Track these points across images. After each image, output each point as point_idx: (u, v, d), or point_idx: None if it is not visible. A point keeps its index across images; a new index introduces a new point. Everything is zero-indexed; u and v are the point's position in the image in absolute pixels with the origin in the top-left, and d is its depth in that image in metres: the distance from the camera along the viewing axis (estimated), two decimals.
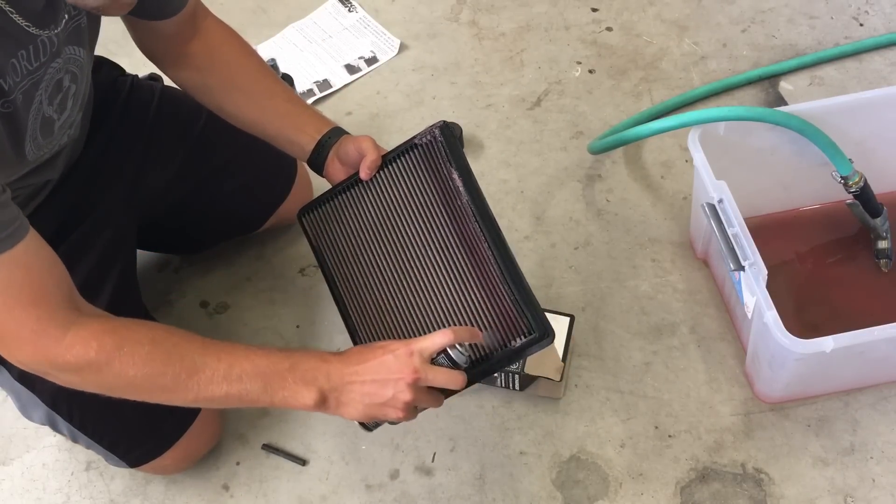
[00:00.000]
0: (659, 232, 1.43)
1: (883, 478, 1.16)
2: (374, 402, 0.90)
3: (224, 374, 0.88)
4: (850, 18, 1.72)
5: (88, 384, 0.90)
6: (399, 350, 0.90)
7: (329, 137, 1.10)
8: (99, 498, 1.24)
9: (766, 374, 1.19)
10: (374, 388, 0.89)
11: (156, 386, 0.88)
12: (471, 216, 0.98)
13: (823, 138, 1.20)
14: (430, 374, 0.89)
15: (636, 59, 1.70)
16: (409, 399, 0.89)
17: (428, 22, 1.82)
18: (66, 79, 0.95)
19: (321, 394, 0.90)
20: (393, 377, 0.89)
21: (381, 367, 0.89)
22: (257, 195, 1.38)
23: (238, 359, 0.89)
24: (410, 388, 0.89)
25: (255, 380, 0.89)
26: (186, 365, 0.88)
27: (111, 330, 0.87)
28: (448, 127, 1.01)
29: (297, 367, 0.90)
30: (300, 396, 0.90)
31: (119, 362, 0.86)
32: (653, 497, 1.17)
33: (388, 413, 0.91)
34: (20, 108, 0.87)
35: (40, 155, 0.97)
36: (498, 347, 0.96)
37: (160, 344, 0.88)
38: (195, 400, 0.90)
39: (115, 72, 1.27)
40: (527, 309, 0.94)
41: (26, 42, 0.85)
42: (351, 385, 0.90)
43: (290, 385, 0.90)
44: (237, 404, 0.91)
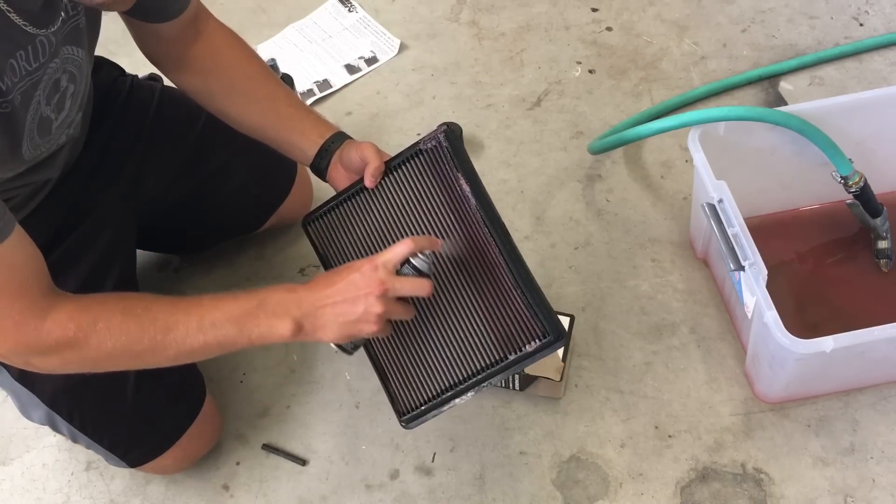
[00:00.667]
0: (659, 232, 1.44)
1: (883, 478, 1.16)
2: (347, 319, 0.92)
3: (197, 326, 0.90)
4: (850, 18, 1.72)
5: (71, 364, 0.91)
6: (364, 267, 0.92)
7: (332, 142, 1.10)
8: (99, 498, 1.24)
9: (766, 374, 1.19)
10: (346, 306, 0.92)
11: (135, 352, 0.90)
12: (480, 221, 0.98)
13: (823, 138, 1.20)
14: (397, 284, 0.92)
15: (636, 59, 1.70)
16: (381, 311, 0.92)
17: (428, 22, 1.82)
18: (64, 79, 0.95)
19: (296, 322, 0.92)
20: (362, 293, 0.91)
21: (350, 285, 0.92)
22: (257, 195, 1.38)
23: (207, 309, 0.91)
24: (380, 300, 0.91)
25: (229, 324, 0.91)
26: (160, 326, 0.90)
27: (84, 308, 0.89)
28: (453, 131, 1.00)
29: (266, 303, 0.92)
30: (276, 329, 0.92)
31: (96, 337, 0.88)
32: (653, 497, 1.17)
33: (363, 328, 0.93)
34: (18, 108, 0.87)
35: (38, 154, 0.97)
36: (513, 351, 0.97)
37: (131, 311, 0.90)
38: (176, 356, 0.92)
39: (115, 72, 1.27)
40: (540, 312, 0.95)
41: (24, 42, 0.85)
42: (323, 308, 0.92)
43: (264, 321, 0.92)
44: (219, 351, 0.93)
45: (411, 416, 1.04)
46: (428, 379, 1.03)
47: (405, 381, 1.05)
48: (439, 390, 1.02)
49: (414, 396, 1.04)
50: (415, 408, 1.04)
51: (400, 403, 1.06)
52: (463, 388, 1.00)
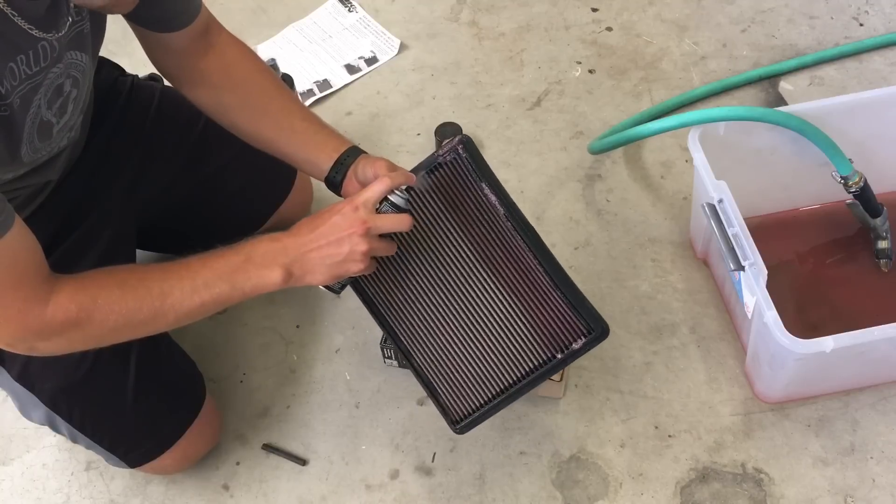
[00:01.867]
0: (659, 232, 1.43)
1: (883, 478, 1.16)
2: (334, 261, 0.95)
3: (191, 288, 0.93)
4: (850, 18, 1.72)
5: (76, 343, 0.93)
6: (344, 208, 0.95)
7: (347, 156, 1.09)
8: (99, 498, 1.24)
9: (766, 374, 1.19)
10: (332, 248, 0.94)
11: (136, 322, 0.92)
12: (511, 229, 1.00)
13: (823, 138, 1.20)
14: (378, 222, 0.95)
15: (636, 59, 1.70)
16: (365, 248, 0.94)
17: (428, 22, 1.82)
18: (68, 84, 0.95)
19: (285, 269, 0.95)
20: (346, 233, 0.94)
21: (333, 228, 0.94)
22: (257, 196, 1.38)
23: (197, 270, 0.94)
24: (364, 238, 0.94)
25: (221, 281, 0.94)
26: (155, 293, 0.92)
27: (82, 287, 0.91)
28: (471, 141, 1.00)
29: (253, 256, 0.95)
30: (267, 279, 0.95)
31: (98, 313, 0.90)
32: (653, 497, 1.17)
33: (350, 267, 0.96)
34: (17, 112, 0.87)
35: (38, 157, 0.96)
36: (560, 350, 1.01)
37: (127, 283, 0.92)
38: (176, 320, 0.95)
39: (116, 72, 1.27)
40: (582, 310, 0.99)
41: (26, 47, 0.84)
42: (309, 253, 0.95)
43: (254, 272, 0.95)
44: (218, 307, 0.96)
45: (465, 423, 1.07)
46: (478, 386, 1.06)
47: (454, 390, 1.08)
48: (491, 395, 1.05)
49: (465, 404, 1.07)
50: (468, 415, 1.07)
51: (452, 412, 1.08)
52: (516, 390, 1.04)
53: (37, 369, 1.08)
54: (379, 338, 1.31)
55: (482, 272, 1.03)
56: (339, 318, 1.38)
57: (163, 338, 1.20)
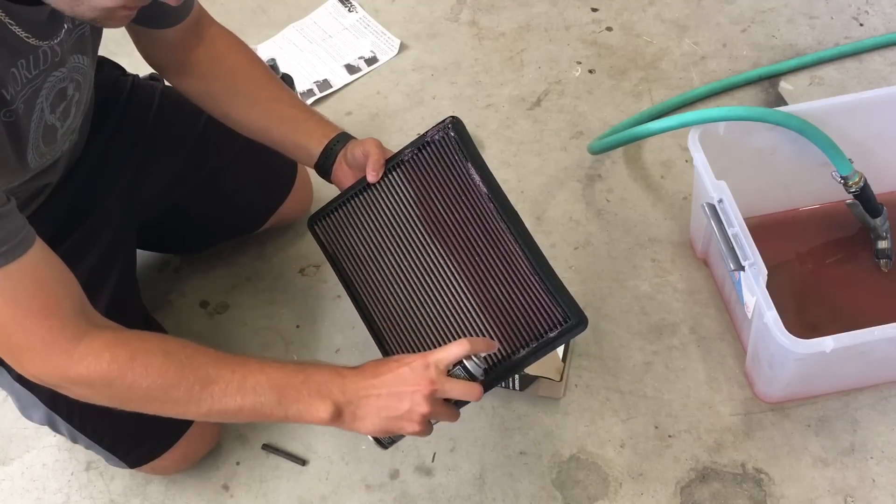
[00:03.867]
0: (659, 232, 1.43)
1: (883, 478, 1.16)
2: (390, 415, 0.88)
3: (238, 385, 0.87)
4: (850, 18, 1.72)
5: (101, 397, 0.88)
6: (415, 362, 0.88)
7: (336, 142, 1.10)
8: (99, 498, 1.24)
9: (766, 374, 1.19)
10: (391, 401, 0.88)
11: (169, 398, 0.87)
12: (492, 211, 0.98)
13: (823, 138, 1.20)
14: (447, 386, 0.88)
15: (636, 59, 1.70)
16: (427, 411, 0.88)
17: (428, 22, 1.82)
18: (71, 87, 0.95)
19: (336, 407, 0.88)
20: (409, 389, 0.87)
21: (398, 379, 0.88)
22: (258, 195, 1.38)
23: (252, 371, 0.88)
24: (427, 399, 0.87)
25: (270, 392, 0.88)
26: (200, 376, 0.86)
27: (123, 341, 0.86)
28: (460, 121, 1.00)
29: (311, 380, 0.89)
30: (315, 410, 0.88)
31: (132, 374, 0.84)
32: (653, 497, 1.17)
33: (405, 427, 0.90)
34: (22, 117, 0.86)
35: (43, 162, 0.96)
36: (534, 339, 0.96)
37: (173, 355, 0.87)
38: (208, 413, 0.88)
39: (116, 72, 1.27)
40: (560, 298, 0.94)
41: (26, 52, 0.84)
42: (367, 398, 0.89)
43: (305, 398, 0.88)
44: (250, 418, 0.90)
45: None
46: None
47: None
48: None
49: None
50: None
51: None
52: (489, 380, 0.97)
53: None
54: None
55: (462, 253, 1.00)
56: (339, 318, 1.38)
57: None
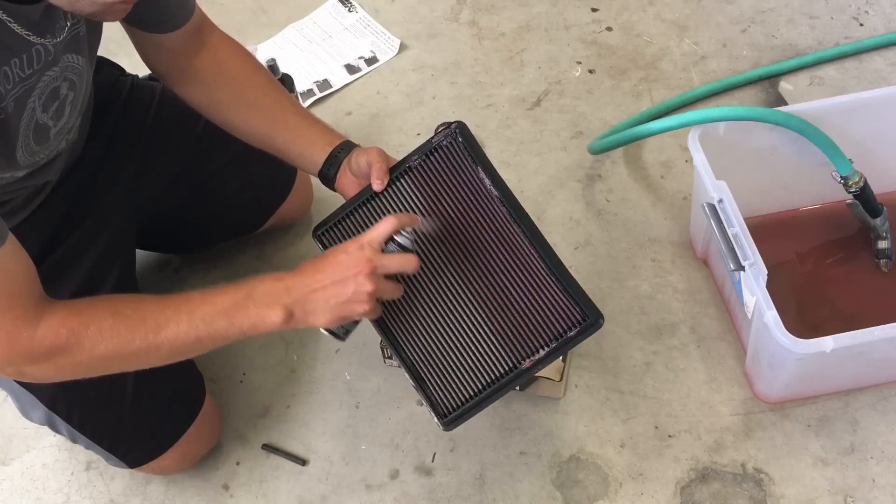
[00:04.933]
0: (659, 232, 1.43)
1: (883, 478, 1.16)
2: (339, 301, 0.92)
3: (188, 322, 0.90)
4: (850, 18, 1.72)
5: (65, 370, 0.91)
6: (349, 248, 0.93)
7: (340, 150, 1.09)
8: (99, 498, 1.24)
9: (766, 374, 1.19)
10: (336, 288, 0.92)
11: (128, 353, 0.90)
12: (504, 214, 0.99)
13: (823, 138, 1.20)
14: (384, 261, 0.93)
15: (636, 59, 1.70)
16: (371, 289, 0.92)
17: (428, 22, 1.82)
18: (64, 87, 0.95)
19: (286, 309, 0.92)
20: (351, 273, 0.91)
21: (338, 267, 0.92)
22: (257, 196, 1.38)
23: (197, 304, 0.91)
24: (369, 278, 0.91)
25: (220, 318, 0.91)
26: (150, 326, 0.89)
27: (75, 313, 0.89)
28: (466, 126, 1.00)
29: (254, 293, 0.92)
30: (266, 318, 0.92)
31: (89, 341, 0.88)
32: (653, 497, 1.17)
33: (355, 308, 0.93)
34: (11, 115, 0.86)
35: (35, 160, 0.96)
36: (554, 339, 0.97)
37: (121, 312, 0.90)
38: (170, 354, 0.91)
39: (116, 72, 1.27)
40: (577, 297, 0.96)
41: (20, 51, 0.84)
42: (313, 293, 0.92)
43: (254, 311, 0.92)
44: (212, 345, 0.93)
45: (452, 417, 1.02)
46: (468, 377, 1.01)
47: (444, 382, 1.03)
48: (481, 387, 1.00)
49: (454, 397, 1.02)
50: (455, 408, 1.02)
51: (440, 406, 1.03)
52: (506, 381, 0.99)
53: None
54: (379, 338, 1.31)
55: (476, 257, 1.00)
56: None
57: None
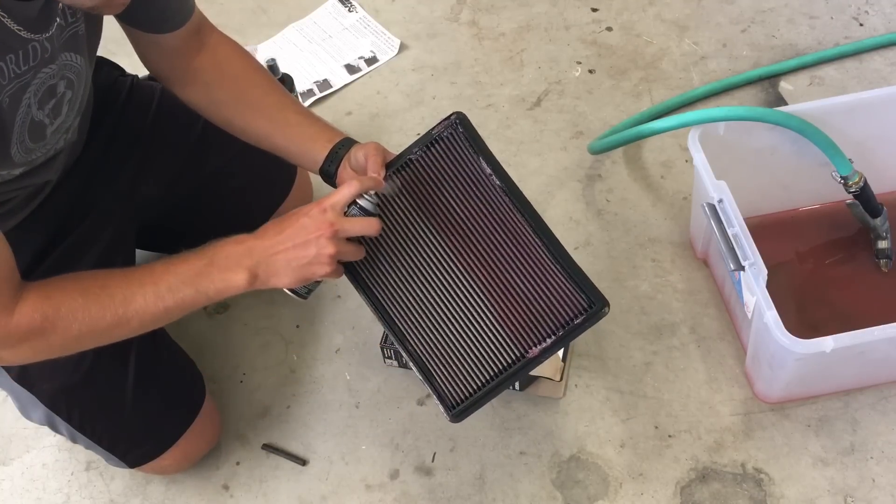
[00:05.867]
0: (659, 232, 1.43)
1: (883, 478, 1.16)
2: (301, 263, 0.93)
3: (154, 294, 0.92)
4: (850, 18, 1.72)
5: (40, 352, 0.93)
6: (311, 210, 0.94)
7: (341, 147, 1.10)
8: (99, 498, 1.24)
9: (766, 374, 1.19)
10: (298, 251, 0.93)
11: (100, 330, 0.92)
12: (508, 203, 0.99)
13: (823, 138, 1.20)
14: (346, 225, 0.94)
15: (636, 59, 1.70)
16: (333, 252, 0.93)
17: (428, 22, 1.82)
18: (62, 85, 0.95)
19: (250, 272, 0.93)
20: (313, 235, 0.92)
21: (300, 230, 0.93)
22: (257, 195, 1.38)
23: (160, 275, 0.93)
24: (331, 241, 0.93)
25: (185, 286, 0.93)
26: (118, 300, 0.91)
27: (46, 296, 0.90)
28: (465, 117, 1.00)
29: (216, 259, 0.94)
30: (231, 282, 0.93)
31: (61, 322, 0.89)
32: (653, 497, 1.17)
33: (316, 270, 0.94)
34: (6, 111, 0.86)
35: (31, 158, 0.96)
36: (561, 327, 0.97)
37: (90, 291, 0.91)
38: (141, 326, 0.94)
39: (116, 72, 1.27)
40: (582, 284, 0.96)
41: (16, 47, 0.84)
42: (276, 255, 0.94)
43: (217, 276, 0.93)
44: (182, 312, 0.95)
45: (461, 408, 1.00)
46: (475, 368, 1.00)
47: (451, 373, 1.01)
48: (489, 377, 0.99)
49: (462, 388, 1.00)
50: (463, 399, 1.00)
51: (448, 398, 1.01)
52: (514, 370, 0.98)
53: (36, 370, 1.08)
54: (379, 338, 1.31)
55: (479, 248, 1.00)
56: (339, 318, 1.38)
57: (162, 338, 1.20)
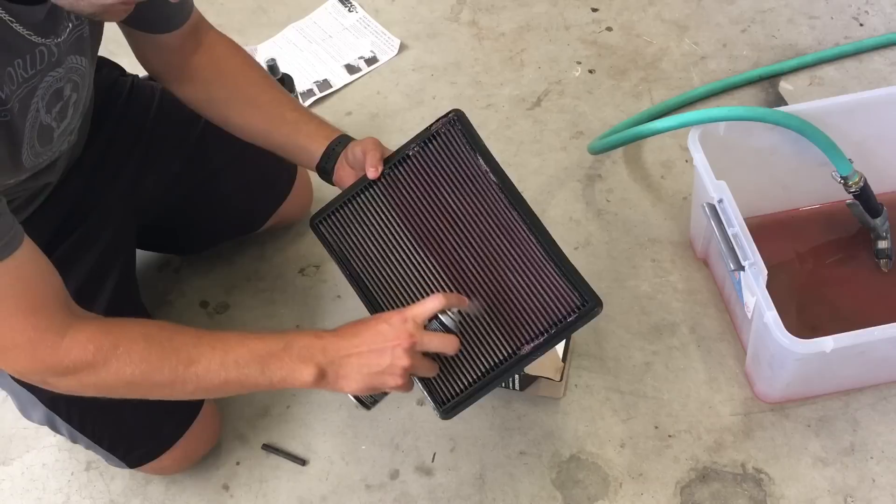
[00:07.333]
0: (659, 232, 1.43)
1: (883, 478, 1.16)
2: (372, 371, 0.90)
3: (220, 361, 0.89)
4: (850, 18, 1.72)
5: (87, 387, 0.90)
6: (393, 318, 0.91)
7: (338, 144, 1.10)
8: (99, 498, 1.24)
9: (766, 374, 1.19)
10: (372, 357, 0.90)
11: (154, 382, 0.89)
12: (503, 200, 0.99)
13: (823, 138, 1.20)
14: (425, 339, 0.91)
15: (636, 59, 1.70)
16: (407, 365, 0.90)
17: (428, 22, 1.82)
18: (68, 88, 0.95)
19: (319, 369, 0.90)
20: (390, 345, 0.90)
21: (378, 336, 0.90)
22: (257, 195, 1.38)
23: (233, 345, 0.90)
24: (407, 353, 0.90)
25: (252, 363, 0.90)
26: (182, 357, 0.88)
27: (105, 330, 0.87)
28: (464, 114, 1.00)
29: (292, 346, 0.91)
30: (298, 374, 0.90)
31: (116, 362, 0.86)
32: (653, 497, 1.17)
33: (387, 381, 0.91)
34: (16, 117, 0.86)
35: (39, 162, 0.96)
36: (553, 324, 0.96)
37: (154, 339, 0.88)
38: (195, 391, 0.90)
39: (116, 72, 1.27)
40: (576, 282, 0.96)
41: (24, 51, 0.84)
42: (348, 357, 0.91)
43: (288, 364, 0.90)
44: (238, 390, 0.91)
45: (451, 405, 1.00)
46: (467, 364, 0.99)
47: (442, 369, 1.00)
48: (480, 374, 0.99)
49: (453, 384, 1.00)
50: (454, 396, 1.00)
51: (438, 393, 1.00)
52: (506, 367, 0.98)
53: None
54: None
55: (474, 245, 1.00)
56: (339, 318, 1.37)
57: None
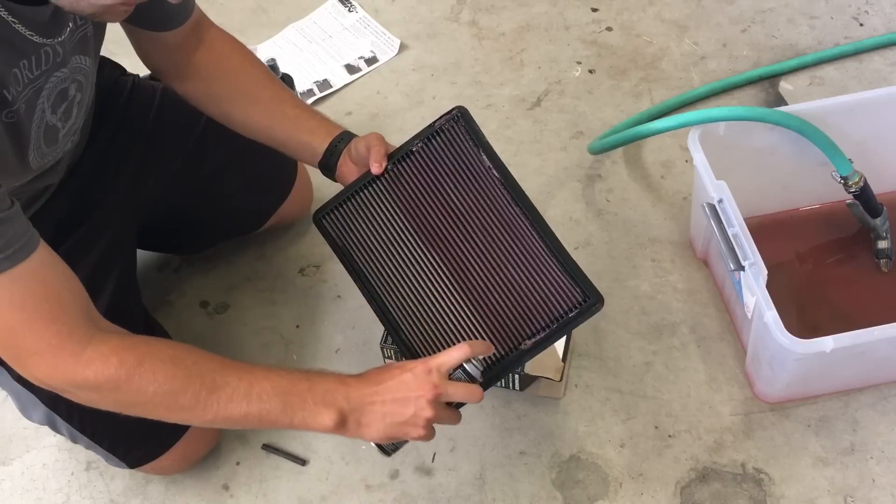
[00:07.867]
0: (659, 232, 1.43)
1: (883, 478, 1.16)
2: (395, 420, 0.89)
3: (244, 392, 0.87)
4: (850, 18, 1.72)
5: (107, 402, 0.88)
6: (418, 368, 0.89)
7: (340, 140, 1.10)
8: (99, 498, 1.24)
9: (766, 374, 1.19)
10: (395, 406, 0.89)
11: (175, 404, 0.87)
12: (506, 196, 1.00)
13: (823, 138, 1.20)
14: (449, 389, 0.89)
15: (636, 59, 1.70)
16: (431, 416, 0.89)
17: (428, 22, 1.82)
18: (73, 88, 0.95)
19: (341, 415, 0.89)
20: (413, 395, 0.88)
21: (401, 385, 0.89)
22: (258, 195, 1.38)
23: (258, 378, 0.88)
24: (431, 404, 0.88)
25: (275, 399, 0.88)
26: (206, 383, 0.87)
27: (130, 346, 0.86)
28: (467, 111, 1.01)
29: (315, 388, 0.89)
30: (320, 417, 0.89)
31: (139, 379, 0.84)
32: (653, 497, 1.17)
33: (409, 432, 0.90)
34: (23, 118, 0.86)
35: (44, 163, 0.96)
36: (555, 320, 0.97)
37: (180, 361, 0.87)
38: (213, 420, 0.88)
39: (117, 72, 1.27)
40: (577, 279, 0.97)
41: (29, 52, 0.84)
42: (371, 405, 0.89)
43: (310, 405, 0.89)
44: (255, 425, 0.90)
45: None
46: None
47: None
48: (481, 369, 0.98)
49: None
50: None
51: None
52: (507, 362, 0.98)
53: None
54: (379, 338, 1.31)
55: (477, 240, 1.01)
56: (339, 318, 1.38)
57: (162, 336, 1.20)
